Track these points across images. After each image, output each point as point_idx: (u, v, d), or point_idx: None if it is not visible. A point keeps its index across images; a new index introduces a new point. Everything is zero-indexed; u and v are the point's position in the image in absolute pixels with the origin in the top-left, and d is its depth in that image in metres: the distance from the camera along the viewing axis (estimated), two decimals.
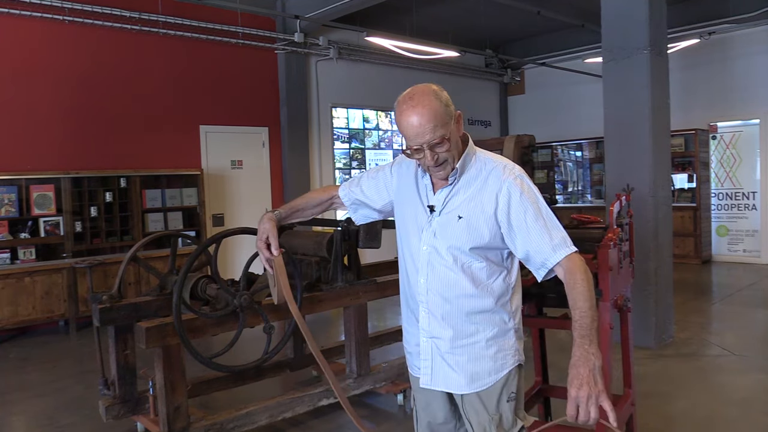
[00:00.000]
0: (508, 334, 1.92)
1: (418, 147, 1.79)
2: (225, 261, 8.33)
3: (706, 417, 3.98)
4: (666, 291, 5.61)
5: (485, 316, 1.89)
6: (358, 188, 2.19)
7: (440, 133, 1.76)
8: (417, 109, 1.76)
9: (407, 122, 1.77)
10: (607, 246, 2.75)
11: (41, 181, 6.94)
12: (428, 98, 1.76)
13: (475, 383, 1.90)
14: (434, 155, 1.80)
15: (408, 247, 1.99)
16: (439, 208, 1.90)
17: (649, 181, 5.43)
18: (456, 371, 1.91)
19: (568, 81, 11.85)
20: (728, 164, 10.19)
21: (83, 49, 7.45)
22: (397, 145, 11.49)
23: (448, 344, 1.91)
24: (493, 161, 1.90)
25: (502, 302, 1.91)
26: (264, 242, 1.97)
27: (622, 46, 5.54)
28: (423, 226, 1.93)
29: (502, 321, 1.91)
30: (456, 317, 1.89)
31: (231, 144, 8.88)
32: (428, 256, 1.90)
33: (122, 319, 3.66)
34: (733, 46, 9.99)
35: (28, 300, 6.66)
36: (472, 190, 1.86)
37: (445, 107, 1.78)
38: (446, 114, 1.78)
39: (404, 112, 1.78)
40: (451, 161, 1.84)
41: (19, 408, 4.69)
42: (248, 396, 4.21)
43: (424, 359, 1.96)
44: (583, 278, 1.75)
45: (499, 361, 1.91)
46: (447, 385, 1.94)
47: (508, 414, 1.93)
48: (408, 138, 1.80)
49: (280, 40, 9.13)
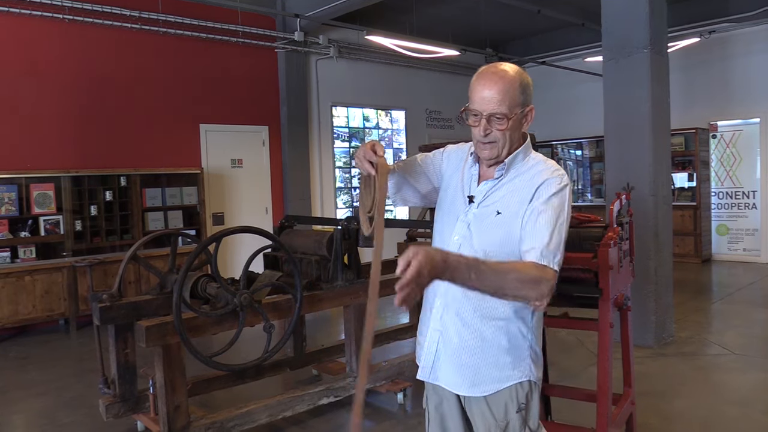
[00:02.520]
0: (521, 348, 1.83)
1: (476, 113, 1.78)
2: (225, 260, 8.34)
3: (705, 416, 3.98)
4: (666, 290, 5.61)
5: (502, 322, 1.81)
6: (410, 165, 2.07)
7: (503, 110, 1.74)
8: (495, 76, 1.75)
9: (480, 85, 1.76)
10: (607, 245, 2.74)
11: (41, 179, 6.94)
12: (511, 75, 1.75)
13: (476, 387, 1.84)
14: (488, 129, 1.77)
15: (440, 232, 1.94)
16: (478, 199, 1.85)
17: (649, 180, 5.43)
18: (458, 371, 1.85)
19: (569, 80, 11.84)
20: (728, 163, 10.19)
21: (83, 47, 7.44)
22: (398, 144, 11.49)
23: (456, 341, 1.85)
24: (545, 163, 1.85)
25: (522, 315, 1.83)
26: (369, 146, 1.79)
27: (622, 45, 5.54)
28: (459, 215, 1.87)
29: (519, 332, 1.83)
30: (471, 316, 1.83)
31: (231, 143, 8.88)
32: (458, 246, 1.83)
33: (122, 318, 3.66)
34: (734, 45, 9.99)
35: (28, 299, 6.67)
36: (515, 188, 1.81)
37: (521, 93, 1.76)
38: (518, 97, 1.75)
39: (483, 75, 1.78)
40: (500, 146, 1.79)
41: (19, 407, 4.69)
42: (248, 395, 4.21)
43: (428, 352, 1.91)
44: (529, 274, 1.62)
45: (506, 371, 1.82)
46: (446, 381, 1.89)
47: (515, 423, 1.84)
48: (472, 101, 1.78)
49: (280, 38, 9.13)
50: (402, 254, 1.46)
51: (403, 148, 11.51)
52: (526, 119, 1.82)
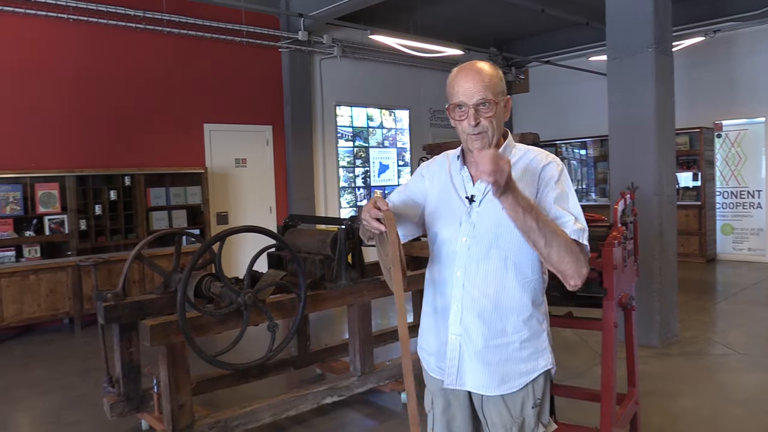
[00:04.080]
0: (541, 337, 1.88)
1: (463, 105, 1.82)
2: (229, 259, 8.35)
3: (710, 415, 3.97)
4: (670, 289, 5.60)
5: (522, 316, 1.84)
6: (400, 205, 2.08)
7: (490, 95, 1.80)
8: (473, 69, 1.83)
9: (462, 79, 1.82)
10: (612, 244, 2.74)
11: (46, 179, 6.97)
12: (488, 67, 1.85)
13: (505, 385, 1.84)
14: (477, 118, 1.80)
15: (442, 241, 1.93)
16: (479, 197, 1.86)
17: (653, 179, 5.41)
18: (486, 372, 1.84)
19: (573, 79, 11.82)
20: (733, 163, 10.15)
21: (87, 47, 7.46)
22: (401, 143, 11.49)
23: (481, 343, 1.84)
24: (534, 151, 1.92)
25: (538, 303, 1.88)
26: (372, 204, 1.82)
27: (626, 44, 5.52)
28: (461, 217, 1.87)
29: (537, 323, 1.87)
30: (492, 314, 1.83)
31: (235, 142, 8.90)
32: (467, 248, 1.84)
33: (127, 317, 3.67)
34: (739, 44, 9.96)
35: (33, 298, 6.69)
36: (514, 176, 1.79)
37: (500, 81, 1.86)
38: (499, 85, 1.85)
39: (462, 70, 1.85)
40: (490, 135, 1.83)
41: (24, 405, 4.71)
42: (252, 394, 4.22)
43: (450, 358, 1.89)
44: (571, 245, 1.73)
45: (531, 363, 1.85)
46: (474, 385, 1.87)
47: (531, 420, 1.87)
48: (456, 95, 1.83)
49: (284, 38, 9.13)
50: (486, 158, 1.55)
51: (407, 148, 11.52)
52: (507, 108, 1.90)
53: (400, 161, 11.52)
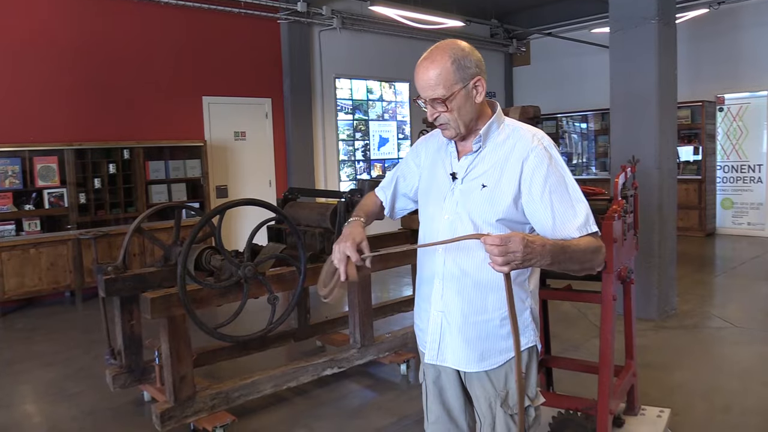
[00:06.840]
0: (523, 315, 1.84)
1: (423, 100, 1.79)
2: (229, 232, 8.36)
3: (707, 388, 4.01)
4: (669, 263, 5.62)
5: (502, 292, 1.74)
6: (392, 183, 2.12)
7: (440, 92, 1.72)
8: (426, 62, 1.75)
9: (418, 73, 1.76)
10: (612, 218, 2.74)
11: (45, 152, 6.94)
12: (441, 55, 1.73)
13: (485, 362, 1.84)
14: (434, 113, 1.78)
15: (428, 216, 1.93)
16: (461, 175, 1.83)
17: (654, 153, 5.39)
18: (466, 348, 1.85)
19: (575, 51, 11.71)
20: (735, 137, 10.11)
21: (86, 20, 7.37)
22: (401, 116, 11.42)
23: (460, 319, 1.84)
24: (521, 129, 1.83)
25: (520, 280, 1.83)
26: (353, 244, 1.75)
27: (629, 16, 5.45)
28: (445, 194, 1.86)
29: (520, 300, 1.82)
30: (472, 291, 1.82)
31: (234, 115, 8.84)
32: (449, 225, 1.83)
33: (127, 290, 3.69)
34: (742, 16, 9.83)
35: (34, 271, 6.71)
36: (497, 158, 1.79)
37: (456, 69, 1.71)
38: (453, 75, 1.72)
39: (419, 62, 1.78)
40: (453, 126, 1.79)
41: (26, 377, 4.75)
42: (253, 366, 4.25)
43: (432, 333, 1.90)
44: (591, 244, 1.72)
45: (511, 341, 1.80)
46: (455, 361, 1.88)
47: (515, 392, 1.85)
48: (417, 87, 1.79)
49: (282, 9, 9.01)
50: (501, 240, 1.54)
51: (407, 121, 11.45)
52: (477, 91, 1.77)
53: (399, 134, 11.46)
